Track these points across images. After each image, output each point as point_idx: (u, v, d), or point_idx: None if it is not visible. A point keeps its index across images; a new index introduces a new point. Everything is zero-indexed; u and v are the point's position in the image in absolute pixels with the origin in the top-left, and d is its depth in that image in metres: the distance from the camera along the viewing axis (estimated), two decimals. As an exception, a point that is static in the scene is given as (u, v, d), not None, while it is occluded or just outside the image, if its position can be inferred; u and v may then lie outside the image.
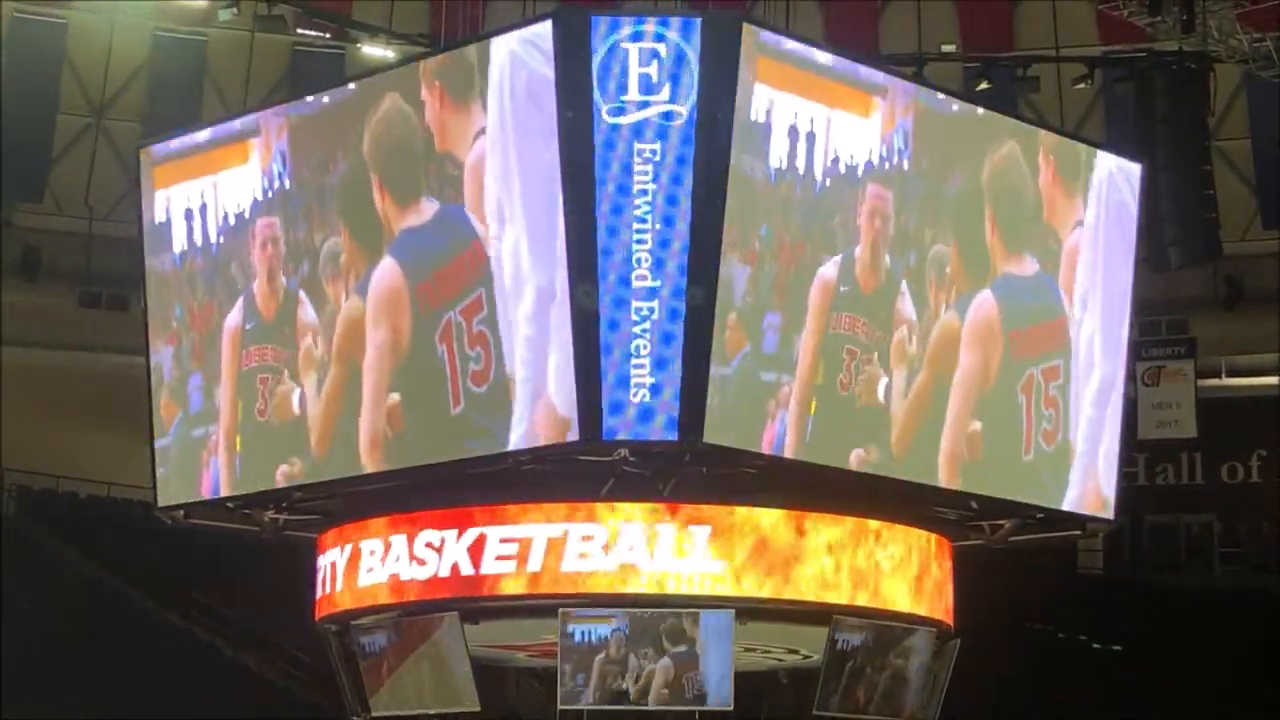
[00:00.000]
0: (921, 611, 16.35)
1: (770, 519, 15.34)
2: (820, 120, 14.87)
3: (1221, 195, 30.67)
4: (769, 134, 14.52)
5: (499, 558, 15.37)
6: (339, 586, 16.62)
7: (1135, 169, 17.64)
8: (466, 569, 15.48)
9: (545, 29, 14.34)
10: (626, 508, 15.21)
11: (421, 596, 15.74)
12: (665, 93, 14.28)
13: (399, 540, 15.97)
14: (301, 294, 16.12)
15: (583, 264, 14.08)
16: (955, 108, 16.41)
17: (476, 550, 15.44)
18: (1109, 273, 17.19)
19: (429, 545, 15.76)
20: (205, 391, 17.10)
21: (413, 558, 15.82)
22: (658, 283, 14.15)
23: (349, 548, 16.48)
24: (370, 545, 16.23)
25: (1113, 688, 30.26)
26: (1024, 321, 16.59)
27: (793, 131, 14.69)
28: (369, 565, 16.24)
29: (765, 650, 17.16)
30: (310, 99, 16.42)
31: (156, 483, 17.72)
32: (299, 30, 36.75)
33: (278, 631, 31.24)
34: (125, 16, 37.59)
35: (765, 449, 14.61)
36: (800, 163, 14.74)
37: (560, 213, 14.10)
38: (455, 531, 15.57)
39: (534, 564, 15.27)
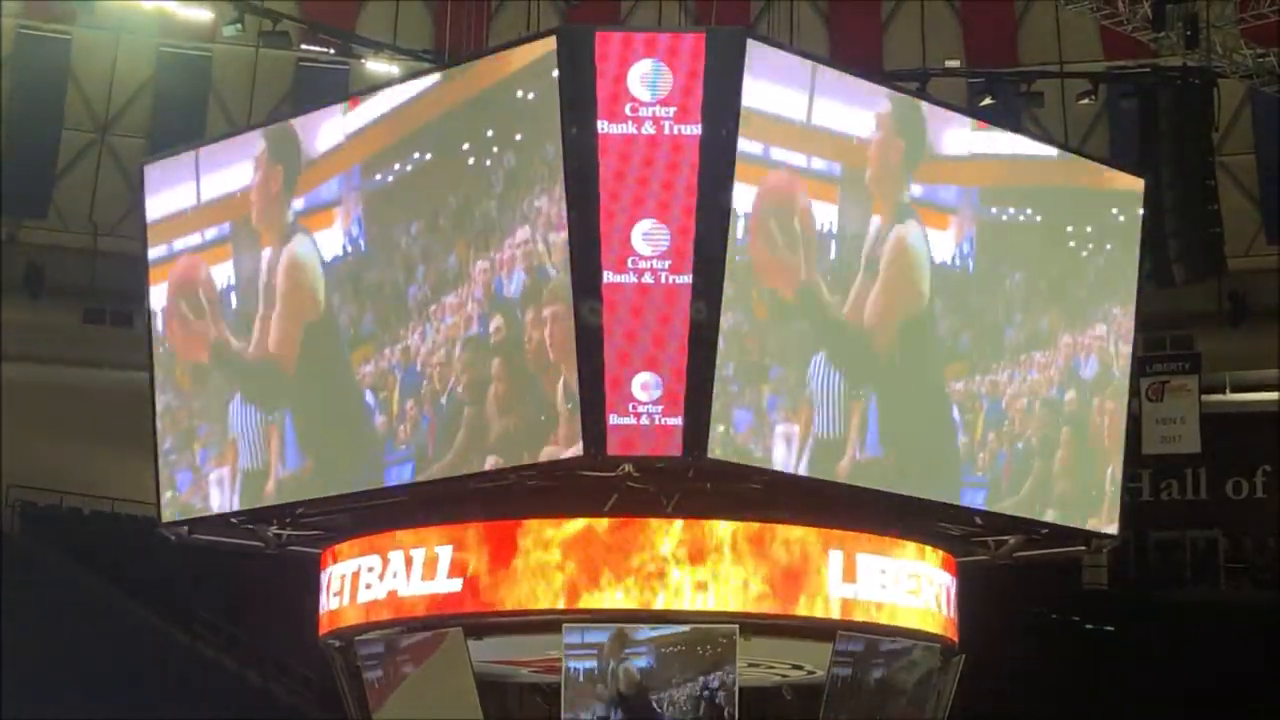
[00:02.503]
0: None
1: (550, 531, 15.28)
2: None
3: (1226, 211, 30.67)
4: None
5: (334, 593, 16.69)
6: (342, 602, 16.62)
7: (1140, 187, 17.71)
8: (324, 605, 16.81)
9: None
10: (403, 535, 15.92)
11: (425, 612, 15.74)
12: (669, 108, 14.29)
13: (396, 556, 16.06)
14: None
15: (587, 280, 14.10)
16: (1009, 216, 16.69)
17: (326, 586, 16.85)
18: None
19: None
20: None
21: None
22: (662, 297, 14.17)
23: (351, 563, 16.48)
24: (369, 561, 16.23)
25: (1116, 701, 30.22)
26: None
27: None
28: (368, 581, 16.30)
29: (770, 666, 17.13)
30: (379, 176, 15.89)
31: (160, 498, 17.71)
32: (303, 46, 36.74)
33: (283, 647, 31.21)
34: (130, 33, 37.61)
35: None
36: None
37: (565, 228, 14.14)
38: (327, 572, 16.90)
39: (345, 598, 16.42)
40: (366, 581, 16.26)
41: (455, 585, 15.57)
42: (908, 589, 16.10)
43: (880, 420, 15.47)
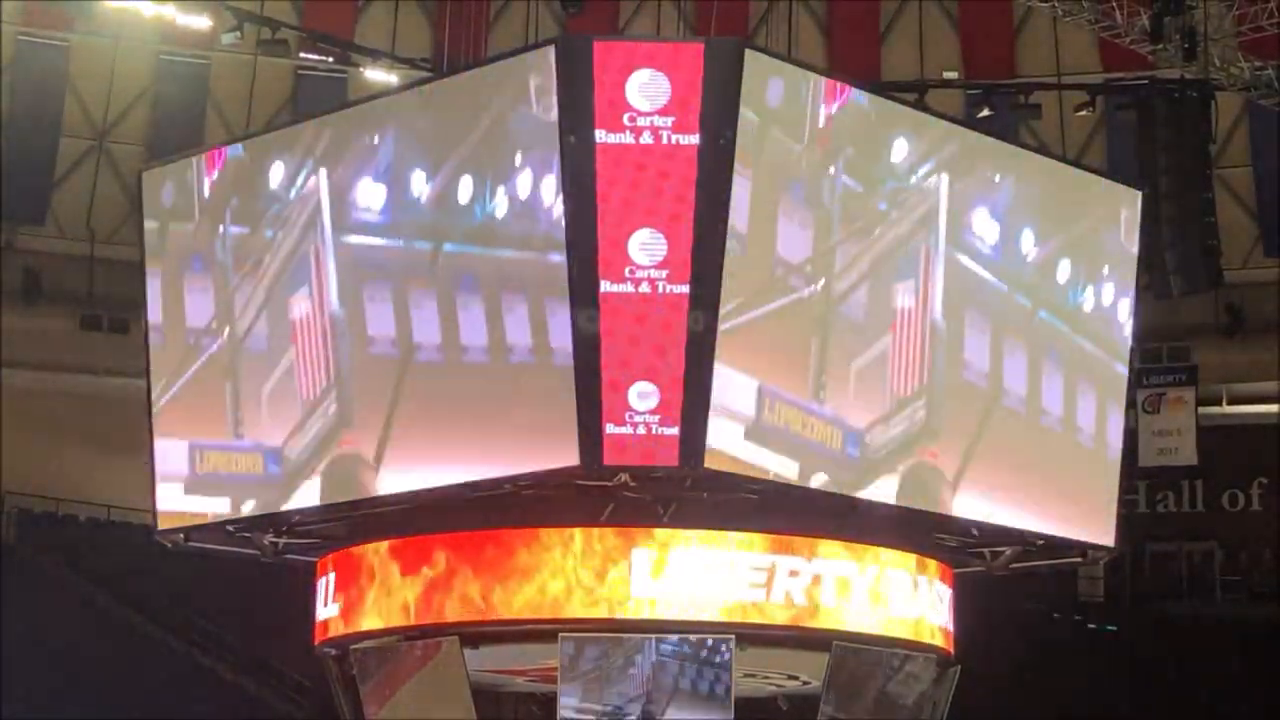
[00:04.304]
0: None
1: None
2: None
3: (1223, 223, 30.65)
4: None
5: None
6: (337, 611, 16.62)
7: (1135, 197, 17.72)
8: (319, 614, 17.23)
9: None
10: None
11: (419, 621, 15.75)
12: (668, 117, 14.31)
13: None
14: None
15: (585, 289, 14.11)
16: None
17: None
18: None
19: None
20: None
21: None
22: (659, 306, 14.18)
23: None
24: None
25: (1111, 715, 30.23)
26: None
27: None
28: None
29: (765, 676, 17.12)
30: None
31: (156, 506, 17.69)
32: (302, 54, 36.79)
33: (279, 656, 31.21)
34: (128, 40, 37.63)
35: None
36: None
37: (564, 238, 14.15)
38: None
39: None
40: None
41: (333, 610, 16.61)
42: (751, 581, 15.36)
43: None
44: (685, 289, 14.19)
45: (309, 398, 16.21)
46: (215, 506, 17.23)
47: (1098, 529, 17.40)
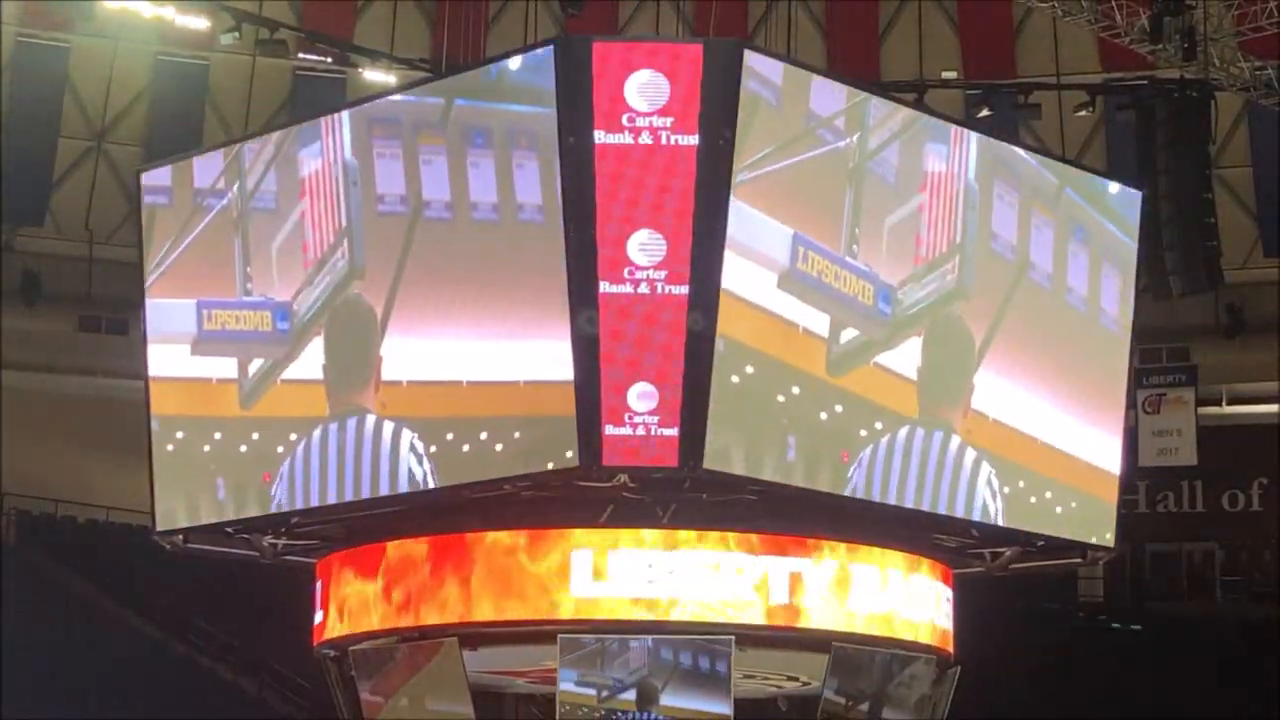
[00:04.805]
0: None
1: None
2: None
3: (1223, 223, 30.66)
4: None
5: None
6: (335, 612, 16.61)
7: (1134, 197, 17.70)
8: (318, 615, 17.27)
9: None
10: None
11: (418, 623, 15.73)
12: (667, 118, 14.30)
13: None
14: None
15: (584, 290, 14.09)
16: None
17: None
18: None
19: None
20: None
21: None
22: (659, 307, 14.17)
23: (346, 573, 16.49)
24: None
25: (1114, 715, 30.22)
26: None
27: None
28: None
29: (765, 678, 17.10)
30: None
31: (155, 507, 17.66)
32: (300, 55, 36.76)
33: (278, 657, 31.20)
34: (127, 41, 37.61)
35: None
36: None
37: (563, 238, 14.14)
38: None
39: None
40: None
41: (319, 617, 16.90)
42: (703, 579, 15.20)
43: None
44: (685, 289, 14.19)
45: (318, 255, 16.01)
46: (221, 368, 16.91)
47: (1108, 420, 17.34)
